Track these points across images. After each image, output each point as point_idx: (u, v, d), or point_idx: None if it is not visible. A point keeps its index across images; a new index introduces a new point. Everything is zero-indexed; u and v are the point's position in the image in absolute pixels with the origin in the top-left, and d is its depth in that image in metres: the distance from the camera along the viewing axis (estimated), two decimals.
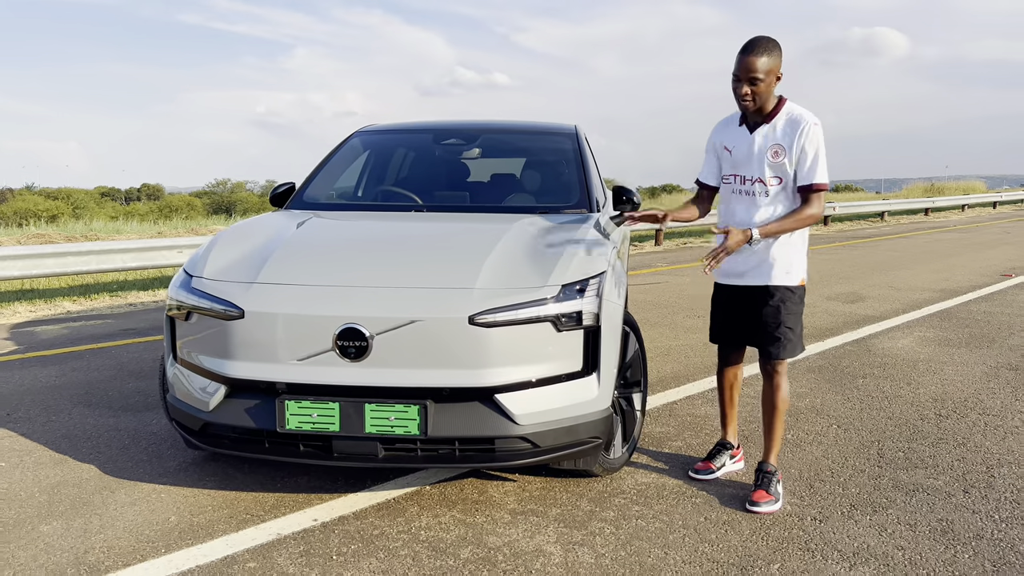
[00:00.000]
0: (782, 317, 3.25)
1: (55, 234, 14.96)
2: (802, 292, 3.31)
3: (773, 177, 3.19)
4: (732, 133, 3.31)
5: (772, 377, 3.33)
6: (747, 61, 3.07)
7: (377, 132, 5.00)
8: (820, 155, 3.13)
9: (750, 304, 3.34)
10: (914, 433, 4.11)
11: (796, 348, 3.29)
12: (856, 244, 15.83)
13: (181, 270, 3.43)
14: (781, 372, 3.32)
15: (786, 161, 3.15)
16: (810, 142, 3.11)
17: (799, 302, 3.29)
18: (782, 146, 3.15)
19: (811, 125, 3.12)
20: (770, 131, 3.19)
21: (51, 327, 7.27)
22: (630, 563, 2.76)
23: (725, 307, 3.47)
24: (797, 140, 3.12)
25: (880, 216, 24.30)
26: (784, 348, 3.27)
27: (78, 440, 4.02)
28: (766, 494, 3.22)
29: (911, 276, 10.45)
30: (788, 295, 3.26)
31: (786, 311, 3.25)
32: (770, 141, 3.18)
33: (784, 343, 3.26)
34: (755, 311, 3.32)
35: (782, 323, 3.25)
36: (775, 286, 3.25)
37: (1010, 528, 3.03)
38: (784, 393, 3.33)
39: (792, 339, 3.27)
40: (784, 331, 3.25)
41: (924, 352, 5.98)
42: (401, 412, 2.92)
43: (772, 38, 3.11)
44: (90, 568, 2.73)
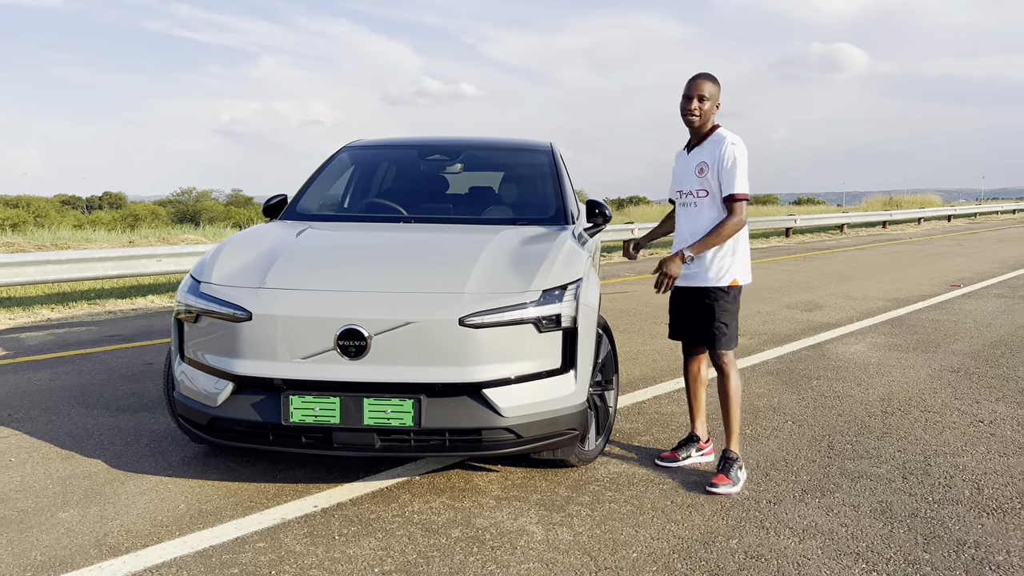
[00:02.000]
0: (716, 314, 3.68)
1: (24, 243, 14.94)
2: (736, 292, 3.73)
3: (700, 190, 3.68)
4: (680, 156, 3.85)
5: (721, 368, 3.75)
6: (697, 82, 3.63)
7: (364, 147, 5.29)
8: (738, 168, 3.58)
9: (693, 304, 3.77)
10: (861, 428, 4.49)
11: (731, 341, 3.72)
12: (816, 255, 16.40)
13: (188, 276, 3.69)
14: (727, 363, 3.73)
15: (709, 176, 3.64)
16: (728, 157, 3.59)
17: (732, 301, 3.72)
18: (706, 163, 3.66)
19: (729, 144, 3.60)
20: (699, 151, 3.70)
21: (35, 334, 7.42)
22: (604, 539, 3.07)
23: (677, 307, 3.90)
24: (719, 157, 3.60)
25: (840, 228, 25.04)
26: (719, 341, 3.70)
27: (81, 438, 4.24)
28: (725, 478, 3.58)
29: (866, 286, 10.94)
30: (721, 295, 3.69)
31: (720, 309, 3.68)
32: (698, 159, 3.69)
33: (719, 336, 3.70)
34: (696, 310, 3.75)
35: (716, 319, 3.69)
36: (710, 288, 3.69)
37: (942, 508, 3.39)
38: (733, 382, 3.74)
39: (727, 333, 3.71)
40: (719, 326, 3.69)
41: (874, 356, 6.39)
42: (397, 406, 3.21)
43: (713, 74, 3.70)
44: (112, 549, 2.98)
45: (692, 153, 3.74)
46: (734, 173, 3.57)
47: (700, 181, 3.68)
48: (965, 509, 3.38)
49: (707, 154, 3.66)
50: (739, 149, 3.59)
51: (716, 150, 3.62)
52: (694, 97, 3.62)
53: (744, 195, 3.57)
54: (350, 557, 2.92)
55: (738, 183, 3.57)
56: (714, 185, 3.63)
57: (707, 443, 4.01)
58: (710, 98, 3.62)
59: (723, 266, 3.69)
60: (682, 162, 3.81)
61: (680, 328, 3.92)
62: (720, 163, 3.59)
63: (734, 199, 3.57)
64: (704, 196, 3.68)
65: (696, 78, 3.65)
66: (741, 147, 3.60)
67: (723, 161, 3.58)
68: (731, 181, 3.57)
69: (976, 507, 3.40)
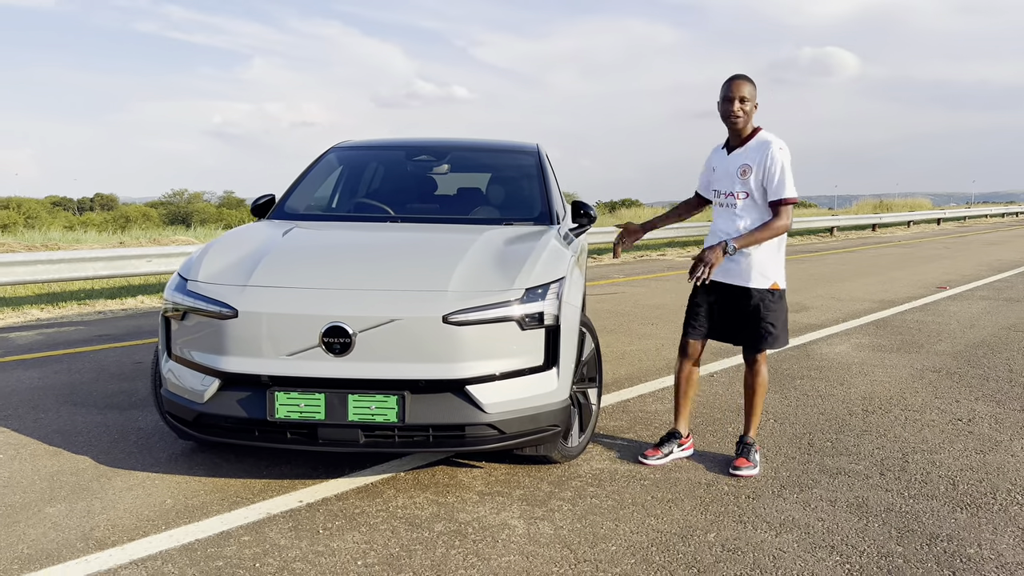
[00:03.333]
0: (762, 314, 3.73)
1: (14, 243, 14.93)
2: (780, 294, 3.78)
3: (742, 192, 3.70)
4: (718, 155, 3.88)
5: (754, 365, 3.85)
6: (736, 83, 3.67)
7: (352, 148, 5.34)
8: (786, 173, 3.64)
9: (732, 302, 3.79)
10: (842, 426, 4.55)
11: (779, 340, 3.79)
12: (805, 258, 16.50)
13: (176, 274, 3.73)
14: (762, 360, 3.84)
15: (752, 179, 3.67)
16: (775, 162, 3.63)
17: (778, 301, 3.77)
18: (749, 165, 3.68)
19: (776, 148, 3.65)
20: (742, 153, 3.72)
21: (25, 333, 7.44)
22: (585, 533, 3.13)
23: (707, 302, 3.87)
24: (764, 160, 3.64)
25: (830, 231, 25.18)
26: (765, 341, 3.76)
27: (69, 435, 4.27)
28: (747, 461, 3.76)
29: (853, 288, 11.04)
30: (766, 295, 3.73)
31: (765, 308, 3.73)
32: (740, 161, 3.71)
33: (766, 336, 3.76)
34: (738, 310, 3.78)
35: (763, 319, 3.74)
36: (753, 288, 3.73)
37: (916, 503, 3.46)
38: (765, 376, 3.87)
39: (774, 333, 3.76)
40: (766, 326, 3.74)
41: (858, 356, 6.46)
42: (381, 402, 3.25)
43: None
44: (98, 542, 3.01)
45: (734, 154, 3.76)
46: (784, 178, 3.63)
47: (742, 183, 3.70)
48: (940, 504, 3.45)
49: (751, 157, 3.69)
50: (785, 154, 3.66)
51: (761, 154, 3.66)
52: (735, 99, 3.65)
53: (793, 199, 3.65)
54: (333, 550, 2.97)
55: (787, 188, 3.63)
56: (756, 187, 3.67)
57: (687, 438, 4.06)
58: (750, 99, 3.67)
59: (767, 268, 3.73)
60: (721, 162, 3.83)
61: (707, 325, 3.89)
62: (767, 167, 3.63)
63: (783, 203, 3.64)
64: (744, 198, 3.71)
65: (734, 79, 3.68)
66: (787, 151, 3.67)
67: (771, 165, 3.62)
68: (781, 186, 3.63)
69: (951, 502, 3.47)
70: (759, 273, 3.72)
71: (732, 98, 3.66)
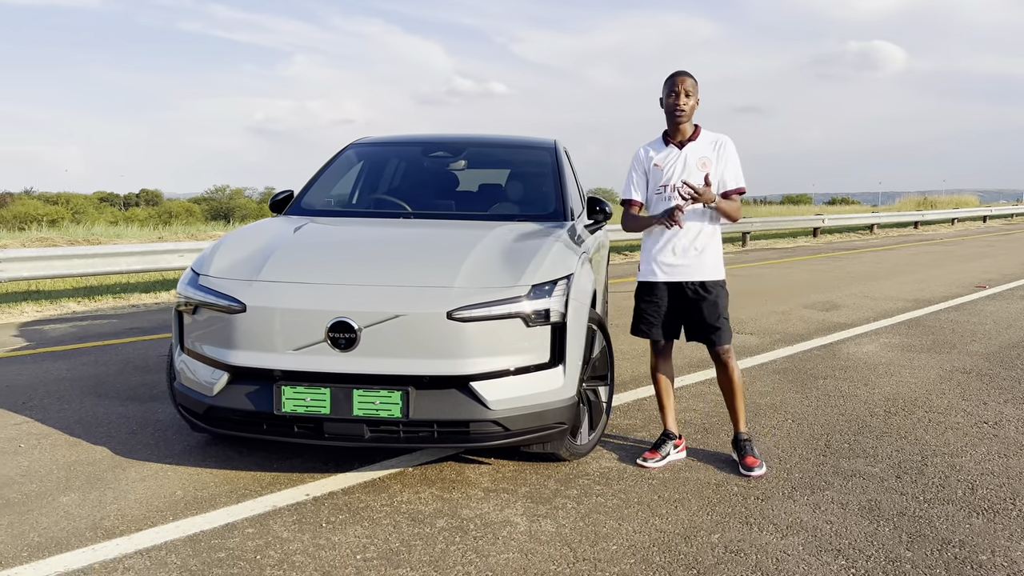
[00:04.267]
0: (720, 308, 3.78)
1: (58, 238, 15.30)
2: (726, 286, 3.88)
3: (701, 182, 3.73)
4: (661, 152, 3.87)
5: (726, 362, 3.83)
6: (680, 78, 3.76)
7: (370, 144, 5.37)
8: (738, 166, 3.82)
9: (688, 299, 3.81)
10: (861, 427, 4.46)
11: (731, 334, 3.84)
12: (841, 256, 16.22)
13: (189, 269, 3.78)
14: (731, 354, 3.83)
15: (712, 169, 3.76)
16: (731, 155, 3.80)
17: (727, 295, 3.86)
18: (708, 158, 3.78)
19: (729, 142, 3.82)
20: (696, 146, 3.80)
21: (59, 326, 7.62)
22: (587, 532, 3.11)
23: (660, 303, 3.87)
24: (721, 154, 3.78)
25: (870, 229, 24.72)
26: (724, 335, 3.79)
27: (90, 425, 4.36)
28: (755, 459, 3.74)
29: (888, 286, 10.82)
30: (720, 289, 3.80)
31: (722, 304, 3.80)
32: (699, 154, 3.78)
33: (723, 331, 3.79)
34: (693, 306, 3.80)
35: (720, 313, 3.78)
36: (712, 281, 3.77)
37: (931, 507, 3.38)
38: (738, 372, 3.87)
39: (728, 327, 3.82)
40: (722, 321, 3.78)
41: (886, 356, 6.33)
42: (385, 397, 3.27)
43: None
44: (106, 532, 3.07)
45: (687, 148, 3.80)
46: (738, 169, 3.82)
47: (702, 175, 3.73)
48: (955, 509, 3.36)
49: (707, 150, 3.80)
50: (734, 146, 3.84)
51: (718, 148, 3.80)
52: (681, 92, 3.74)
53: (744, 188, 3.82)
54: (334, 544, 2.99)
55: (742, 178, 3.82)
56: (714, 178, 3.76)
57: (680, 439, 4.02)
58: (693, 93, 3.76)
59: (719, 261, 3.84)
60: (668, 156, 3.82)
61: (664, 326, 3.89)
62: (726, 161, 3.79)
63: (740, 192, 3.81)
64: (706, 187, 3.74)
65: (678, 74, 3.78)
66: (733, 144, 3.85)
67: (730, 158, 3.79)
68: (738, 176, 3.82)
69: (967, 507, 3.38)
70: (715, 266, 3.80)
71: (678, 92, 3.73)
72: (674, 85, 3.74)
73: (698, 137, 3.81)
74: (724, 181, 3.78)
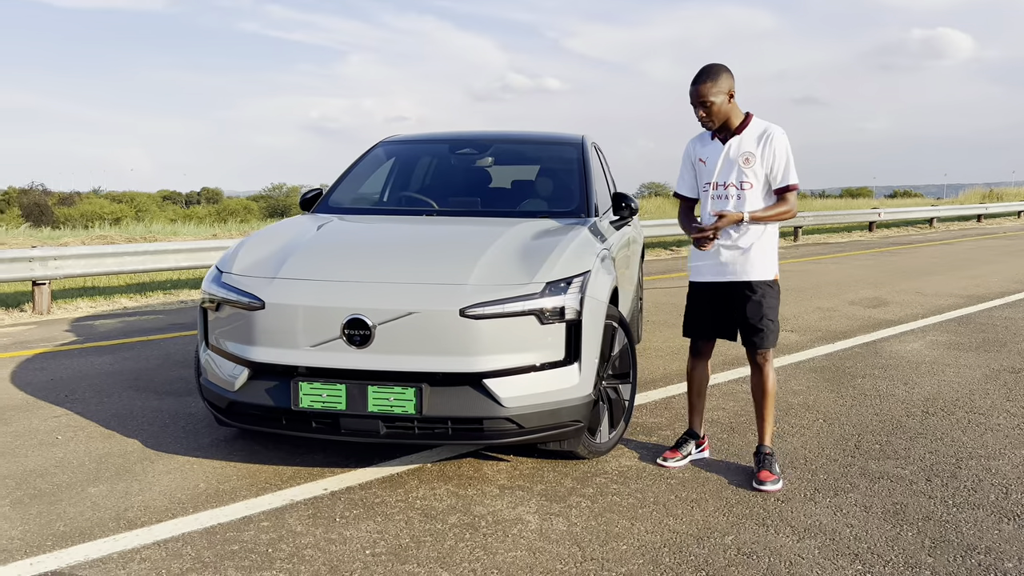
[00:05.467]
0: (764, 310, 3.59)
1: (116, 235, 15.78)
2: (778, 286, 3.66)
3: (746, 182, 3.54)
4: (706, 147, 3.67)
5: (761, 366, 3.66)
6: (696, 90, 3.50)
7: (398, 142, 5.41)
8: (790, 159, 3.54)
9: (732, 300, 3.64)
10: (896, 428, 4.34)
11: (776, 337, 3.64)
12: (896, 250, 15.78)
13: (213, 267, 3.86)
14: (769, 360, 3.66)
15: (756, 166, 3.53)
16: (779, 149, 3.52)
17: (776, 295, 3.64)
18: (752, 153, 3.53)
19: (777, 134, 3.53)
20: (741, 142, 3.56)
21: (108, 321, 7.86)
22: (598, 531, 3.08)
23: (706, 303, 3.74)
24: (767, 148, 3.52)
25: (929, 222, 23.98)
26: (767, 338, 3.60)
27: (125, 419, 4.49)
28: (770, 474, 3.54)
29: (942, 282, 10.49)
30: (767, 290, 3.60)
31: (767, 305, 3.59)
32: (741, 149, 3.55)
33: (767, 333, 3.60)
34: (738, 307, 3.62)
35: (764, 316, 3.59)
36: (756, 281, 3.58)
37: (960, 512, 3.26)
38: (773, 379, 3.68)
39: (774, 329, 3.62)
40: (767, 323, 3.59)
41: (930, 355, 6.14)
42: (399, 394, 3.29)
43: (717, 64, 3.54)
44: (129, 522, 3.16)
45: (731, 143, 3.57)
46: (789, 165, 3.54)
47: (746, 172, 3.54)
48: (985, 514, 3.25)
49: (751, 145, 3.55)
50: (785, 139, 3.56)
51: (764, 141, 3.53)
52: (698, 106, 3.50)
53: (797, 185, 3.56)
54: (346, 538, 3.02)
55: (792, 174, 3.55)
56: (759, 176, 3.55)
57: (703, 439, 3.95)
58: (714, 96, 3.47)
59: (768, 259, 3.61)
60: (713, 152, 3.62)
61: (707, 326, 3.77)
62: (773, 156, 3.51)
63: (789, 189, 3.55)
64: (749, 188, 3.55)
65: (693, 84, 3.51)
66: (785, 137, 3.56)
67: (777, 153, 3.51)
68: (787, 172, 3.54)
69: (997, 512, 3.26)
70: (761, 265, 3.58)
71: (695, 105, 3.51)
72: (692, 98, 3.52)
73: (744, 129, 3.55)
74: (773, 178, 3.54)
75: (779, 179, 3.54)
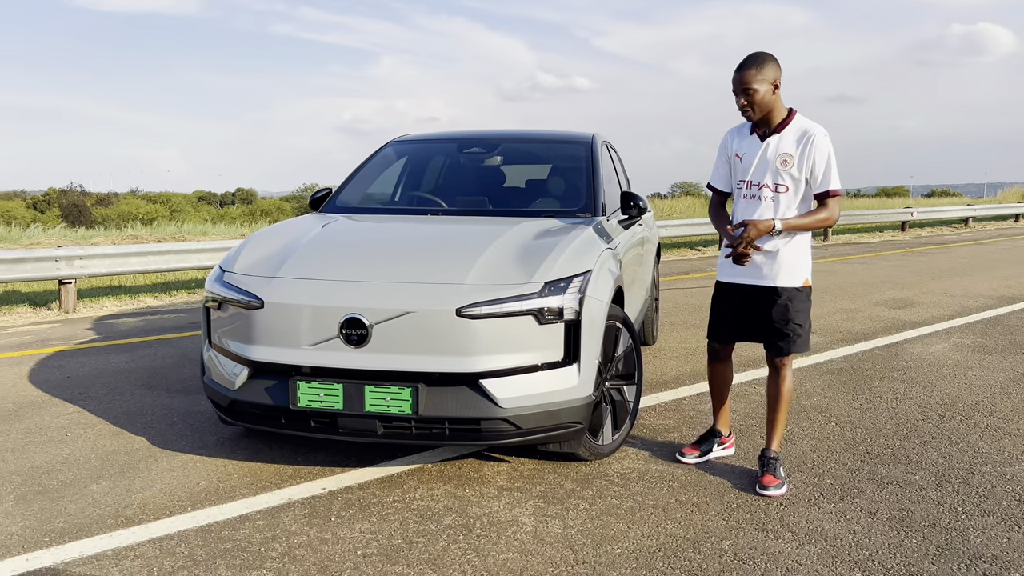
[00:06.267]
0: (790, 315, 3.46)
1: (147, 235, 16.00)
2: (808, 292, 3.52)
3: (781, 184, 3.41)
4: (744, 141, 3.54)
5: (780, 370, 3.56)
6: (739, 76, 3.37)
7: (407, 141, 5.40)
8: (831, 163, 3.38)
9: (758, 303, 3.53)
10: (910, 432, 4.23)
11: (804, 344, 3.53)
12: (928, 250, 15.47)
13: (217, 266, 3.88)
14: (788, 366, 3.55)
15: (794, 169, 3.39)
16: (820, 152, 3.36)
17: (806, 300, 3.51)
18: (791, 155, 3.39)
19: (819, 136, 3.37)
20: (780, 141, 3.42)
21: (131, 319, 7.96)
22: (593, 534, 3.04)
23: (731, 306, 3.63)
24: (807, 150, 3.37)
25: (964, 222, 23.51)
26: (794, 344, 3.49)
27: (135, 416, 4.53)
28: (774, 478, 3.44)
29: (972, 283, 10.26)
30: (795, 294, 3.47)
31: (794, 309, 3.47)
32: (779, 150, 3.41)
33: (793, 339, 3.48)
34: (764, 310, 3.51)
35: (791, 320, 3.47)
36: (782, 287, 3.46)
37: (969, 519, 3.17)
38: (790, 384, 3.57)
39: (801, 335, 3.50)
40: (793, 327, 3.47)
41: (953, 357, 6.00)
42: (396, 393, 3.28)
43: (764, 52, 3.41)
44: (127, 520, 3.18)
45: (769, 142, 3.43)
46: (830, 168, 3.38)
47: (783, 174, 3.40)
48: (995, 521, 3.15)
49: (790, 145, 3.39)
50: (830, 143, 3.39)
51: (804, 143, 3.38)
52: (739, 94, 3.36)
53: (839, 191, 3.40)
54: (339, 539, 3.01)
55: (834, 179, 3.38)
56: (798, 179, 3.39)
57: (729, 436, 3.89)
58: (759, 87, 3.32)
59: (799, 264, 3.48)
60: (751, 149, 3.48)
61: (731, 329, 3.66)
62: (813, 158, 3.36)
63: (830, 195, 3.39)
64: (784, 192, 3.41)
65: (739, 70, 3.37)
66: (829, 140, 3.41)
67: (817, 156, 3.36)
68: (828, 177, 3.38)
69: (1008, 520, 3.16)
70: (790, 271, 3.45)
71: (737, 92, 3.37)
72: (735, 85, 3.37)
73: (786, 127, 3.40)
74: (813, 181, 3.38)
75: (819, 183, 3.39)
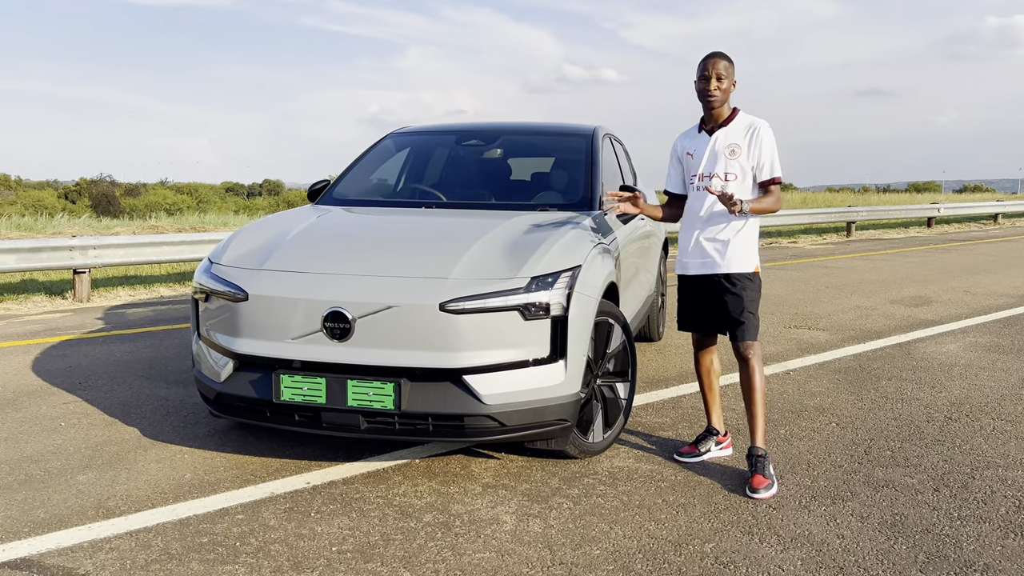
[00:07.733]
0: (744, 303, 3.53)
1: (168, 226, 16.14)
2: (759, 279, 3.61)
3: (731, 173, 3.52)
4: (693, 140, 3.68)
5: (747, 360, 3.56)
6: (711, 61, 3.51)
7: (407, 133, 5.35)
8: (775, 153, 3.53)
9: (714, 293, 3.60)
10: (912, 434, 4.13)
11: (756, 331, 3.57)
12: (952, 247, 15.18)
13: (206, 257, 3.86)
14: (754, 354, 3.55)
15: (743, 158, 3.52)
16: (766, 142, 3.51)
17: (758, 289, 3.60)
18: (739, 144, 3.53)
19: (764, 128, 3.53)
20: (727, 133, 3.55)
21: (140, 310, 8.01)
22: (573, 535, 2.98)
23: (692, 297, 3.71)
24: (753, 140, 3.51)
25: (993, 218, 23.06)
26: (748, 331, 3.53)
27: (130, 407, 4.54)
28: (763, 478, 3.39)
29: (994, 281, 10.03)
30: (747, 282, 3.55)
31: (747, 298, 3.54)
32: (728, 140, 3.53)
33: (748, 326, 3.53)
34: (719, 299, 3.58)
35: (744, 308, 3.53)
36: (736, 274, 3.54)
37: (963, 526, 3.07)
38: (760, 374, 3.55)
39: (754, 323, 3.56)
40: (747, 315, 3.53)
41: (966, 357, 5.85)
42: (378, 388, 3.24)
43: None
44: (108, 512, 3.17)
45: (717, 135, 3.58)
46: (774, 158, 3.55)
47: (731, 163, 3.54)
48: (991, 528, 3.05)
49: (737, 137, 3.55)
50: (771, 133, 3.56)
51: (750, 134, 3.55)
52: (711, 77, 3.51)
53: (781, 179, 3.55)
54: (316, 534, 2.98)
55: (777, 167, 3.54)
56: (745, 168, 3.53)
57: (725, 436, 3.84)
58: (726, 77, 3.52)
59: (749, 251, 3.58)
60: (700, 144, 3.63)
61: (697, 319, 3.75)
62: (759, 148, 3.52)
63: (775, 182, 3.54)
64: (734, 179, 3.54)
65: (710, 57, 3.54)
66: (771, 131, 3.56)
67: (763, 146, 3.52)
68: (773, 165, 3.54)
69: (1004, 527, 3.06)
70: (742, 258, 3.55)
71: (708, 76, 3.50)
72: (704, 68, 3.52)
73: (731, 122, 3.57)
74: (759, 170, 3.53)
75: (765, 172, 3.54)
